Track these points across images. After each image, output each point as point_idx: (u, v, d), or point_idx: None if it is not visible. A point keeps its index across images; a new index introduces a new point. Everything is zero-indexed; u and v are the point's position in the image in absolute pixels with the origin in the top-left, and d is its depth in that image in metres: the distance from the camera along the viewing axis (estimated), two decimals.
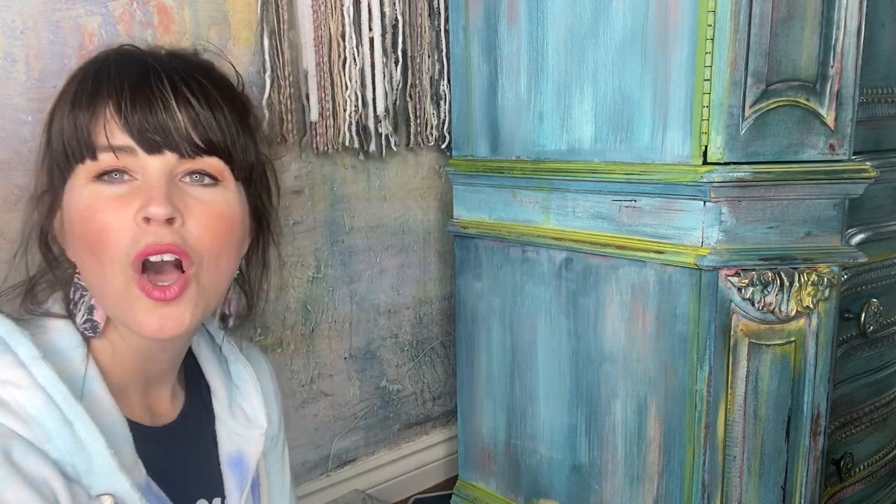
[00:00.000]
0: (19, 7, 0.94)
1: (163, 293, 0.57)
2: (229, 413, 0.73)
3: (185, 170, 0.58)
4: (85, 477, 0.55)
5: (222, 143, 0.60)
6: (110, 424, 0.58)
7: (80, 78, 0.59)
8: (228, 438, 0.72)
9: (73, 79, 0.59)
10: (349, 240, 1.38)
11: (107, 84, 0.57)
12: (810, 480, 1.03)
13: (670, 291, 1.01)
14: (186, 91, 0.58)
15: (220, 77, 0.63)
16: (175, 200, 0.56)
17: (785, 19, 0.91)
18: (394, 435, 1.52)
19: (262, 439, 0.74)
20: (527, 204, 1.20)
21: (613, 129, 1.05)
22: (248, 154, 0.63)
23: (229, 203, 0.61)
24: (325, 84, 1.24)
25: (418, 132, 1.42)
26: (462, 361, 1.38)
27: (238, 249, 0.64)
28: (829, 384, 1.01)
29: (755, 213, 0.95)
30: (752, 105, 0.93)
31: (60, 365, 0.57)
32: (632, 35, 1.01)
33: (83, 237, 0.56)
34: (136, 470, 0.59)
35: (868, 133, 1.10)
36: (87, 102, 0.56)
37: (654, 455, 1.07)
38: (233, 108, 0.61)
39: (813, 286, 0.96)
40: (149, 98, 0.56)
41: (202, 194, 0.59)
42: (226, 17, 1.15)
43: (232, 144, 0.60)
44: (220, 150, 0.60)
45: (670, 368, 1.03)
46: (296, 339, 1.32)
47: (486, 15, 1.22)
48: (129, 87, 0.56)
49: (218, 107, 0.59)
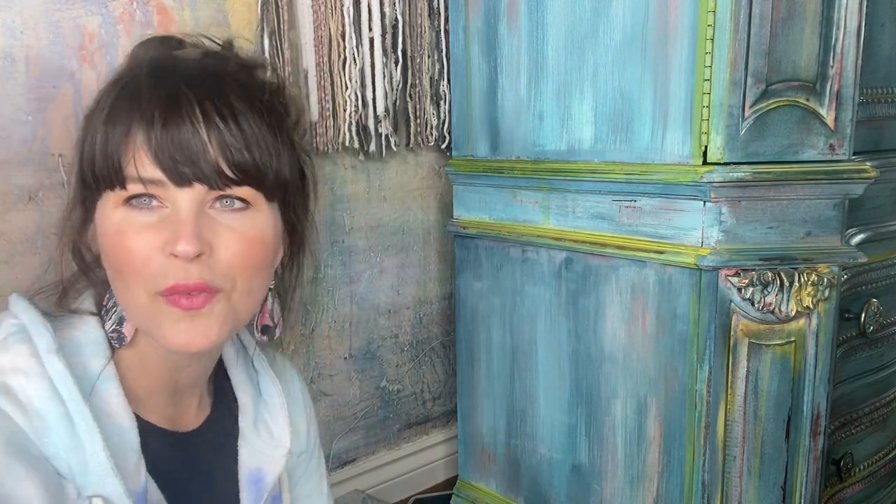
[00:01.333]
0: (19, 7, 0.94)
1: (190, 302, 0.56)
2: (254, 429, 0.72)
3: (214, 197, 0.57)
4: (79, 476, 0.55)
5: (254, 172, 0.58)
6: (117, 427, 0.58)
7: (113, 95, 0.57)
8: (250, 456, 0.71)
9: (107, 94, 0.58)
10: (349, 240, 1.38)
11: (137, 111, 0.55)
12: (810, 480, 1.03)
13: (670, 291, 1.01)
14: (218, 118, 0.56)
15: (255, 84, 0.61)
16: (204, 231, 0.56)
17: (785, 19, 0.91)
18: (394, 435, 1.52)
19: (283, 459, 0.73)
20: (527, 204, 1.20)
21: (613, 129, 1.05)
22: (283, 173, 0.61)
23: (260, 227, 0.60)
24: (325, 84, 1.24)
25: (418, 132, 1.42)
26: (462, 361, 1.38)
27: (270, 267, 0.64)
28: (829, 384, 1.01)
29: (755, 213, 0.95)
30: (752, 105, 0.93)
31: (76, 361, 0.57)
32: (632, 35, 1.01)
33: (111, 258, 0.57)
34: (136, 476, 0.59)
35: (868, 133, 1.10)
36: (116, 129, 0.55)
37: (653, 455, 1.07)
38: (269, 123, 0.59)
39: (813, 286, 0.96)
40: (179, 128, 0.55)
41: (232, 220, 0.58)
42: (226, 17, 1.15)
43: (265, 170, 0.59)
44: (253, 179, 0.58)
45: (670, 368, 1.03)
46: (296, 339, 1.32)
47: (486, 15, 1.22)
48: (159, 116, 0.55)
49: (252, 128, 0.57)
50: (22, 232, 0.98)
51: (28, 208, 0.98)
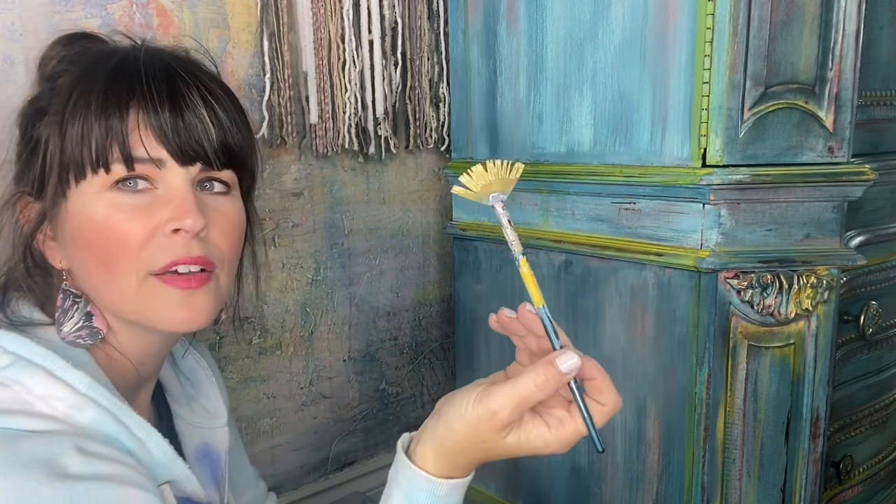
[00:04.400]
0: (19, 10, 0.94)
1: (189, 282, 0.56)
2: (187, 408, 0.73)
3: (200, 179, 0.58)
4: (149, 469, 0.55)
5: (239, 154, 0.60)
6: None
7: (101, 79, 0.55)
8: (190, 433, 0.71)
9: (88, 79, 0.56)
10: (348, 242, 1.38)
11: (136, 94, 0.55)
12: (810, 483, 1.03)
13: (669, 294, 1.01)
14: (214, 102, 0.57)
15: (216, 74, 0.63)
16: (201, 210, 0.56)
17: (784, 22, 0.92)
18: (393, 437, 1.52)
19: (225, 429, 0.74)
20: (526, 206, 1.20)
21: (612, 131, 1.06)
22: (254, 158, 0.64)
23: (238, 211, 0.62)
24: (324, 86, 1.24)
25: (418, 134, 1.42)
26: (461, 364, 1.38)
27: (240, 253, 0.65)
28: (828, 386, 1.01)
29: (754, 215, 0.96)
30: (750, 107, 0.93)
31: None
32: (631, 37, 1.01)
33: (96, 246, 0.55)
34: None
35: (867, 135, 1.10)
36: (112, 112, 0.54)
37: (653, 457, 1.07)
38: (240, 108, 0.61)
39: (812, 288, 0.96)
40: (183, 110, 0.55)
41: (216, 203, 0.59)
42: (225, 19, 1.15)
43: (246, 153, 0.61)
44: (237, 161, 0.60)
45: (669, 371, 1.03)
46: (295, 341, 1.32)
47: (486, 17, 1.22)
48: (164, 95, 0.55)
49: (233, 112, 0.59)
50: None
51: None
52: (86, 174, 0.55)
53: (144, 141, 0.55)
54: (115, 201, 0.55)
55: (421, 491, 0.58)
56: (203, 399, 0.75)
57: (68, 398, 0.52)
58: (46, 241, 0.59)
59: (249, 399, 1.26)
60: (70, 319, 0.58)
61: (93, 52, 0.60)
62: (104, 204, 0.55)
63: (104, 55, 0.58)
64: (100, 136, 0.54)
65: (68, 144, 0.55)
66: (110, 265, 0.55)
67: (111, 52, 0.59)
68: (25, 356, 0.53)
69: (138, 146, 0.55)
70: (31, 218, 0.59)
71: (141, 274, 0.55)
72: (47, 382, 0.52)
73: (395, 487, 0.59)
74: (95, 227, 0.55)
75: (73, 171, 0.55)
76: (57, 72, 0.59)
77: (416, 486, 0.58)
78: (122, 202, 0.55)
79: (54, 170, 0.56)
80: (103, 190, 0.55)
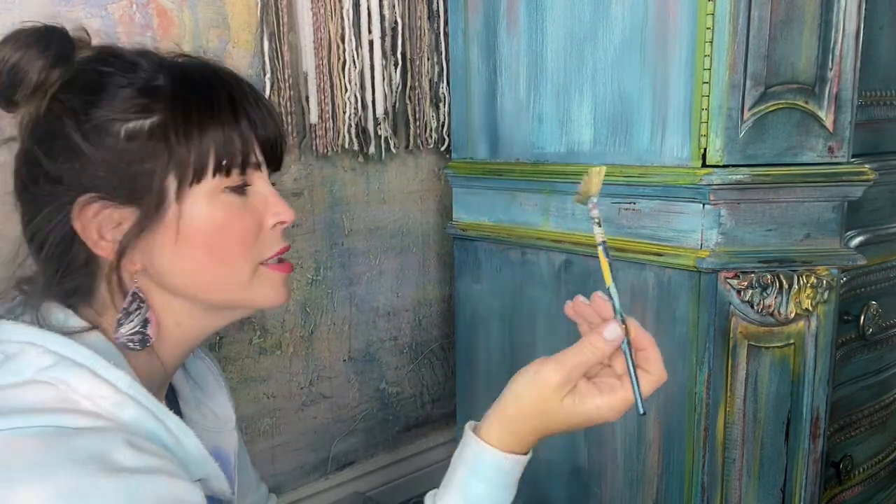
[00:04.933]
0: (19, 10, 0.94)
1: (287, 267, 0.66)
2: (198, 412, 0.74)
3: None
4: (184, 466, 0.57)
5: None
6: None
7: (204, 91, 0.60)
8: (202, 436, 0.71)
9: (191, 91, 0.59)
10: (348, 242, 1.38)
11: (241, 101, 0.61)
12: (810, 483, 1.03)
13: (669, 294, 1.01)
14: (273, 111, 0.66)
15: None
16: None
17: (784, 22, 0.92)
18: (393, 437, 1.52)
19: (234, 433, 0.75)
20: (526, 206, 1.20)
21: (613, 131, 1.06)
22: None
23: None
24: (324, 86, 1.24)
25: (417, 134, 1.42)
26: (461, 364, 1.38)
27: None
28: (828, 386, 1.01)
29: (754, 215, 0.96)
30: (750, 107, 0.93)
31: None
32: (631, 37, 1.01)
33: (214, 243, 0.60)
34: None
35: (867, 135, 1.10)
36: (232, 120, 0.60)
37: (653, 457, 1.07)
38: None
39: (812, 288, 0.96)
40: (265, 118, 0.63)
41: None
42: (225, 19, 1.15)
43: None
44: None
45: (669, 371, 1.02)
46: (295, 341, 1.32)
47: (486, 18, 1.22)
48: (258, 107, 0.62)
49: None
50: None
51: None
52: (202, 179, 0.59)
53: (254, 149, 0.62)
54: (230, 202, 0.61)
55: (485, 463, 0.63)
56: (212, 402, 0.75)
57: (111, 396, 0.54)
58: (112, 245, 0.59)
59: (249, 399, 1.26)
60: (130, 322, 0.60)
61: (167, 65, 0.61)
62: (220, 205, 0.60)
63: (191, 67, 0.62)
64: (223, 143, 0.59)
65: (188, 152, 0.58)
66: (227, 259, 0.61)
67: (200, 65, 0.63)
68: (69, 356, 0.54)
69: (251, 153, 0.61)
70: (112, 221, 0.59)
71: (253, 264, 0.63)
72: (91, 381, 0.53)
73: (459, 464, 0.64)
74: (214, 227, 0.60)
75: (192, 175, 0.59)
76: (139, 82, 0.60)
77: (481, 459, 0.63)
78: (235, 203, 0.61)
79: (169, 175, 0.58)
80: (217, 192, 0.60)
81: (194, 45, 1.11)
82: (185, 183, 0.58)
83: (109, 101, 0.58)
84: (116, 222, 0.58)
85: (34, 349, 0.54)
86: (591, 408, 0.62)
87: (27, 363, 0.53)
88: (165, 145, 0.57)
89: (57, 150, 0.58)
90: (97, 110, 0.57)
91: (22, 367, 0.53)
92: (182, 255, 0.60)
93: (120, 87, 0.58)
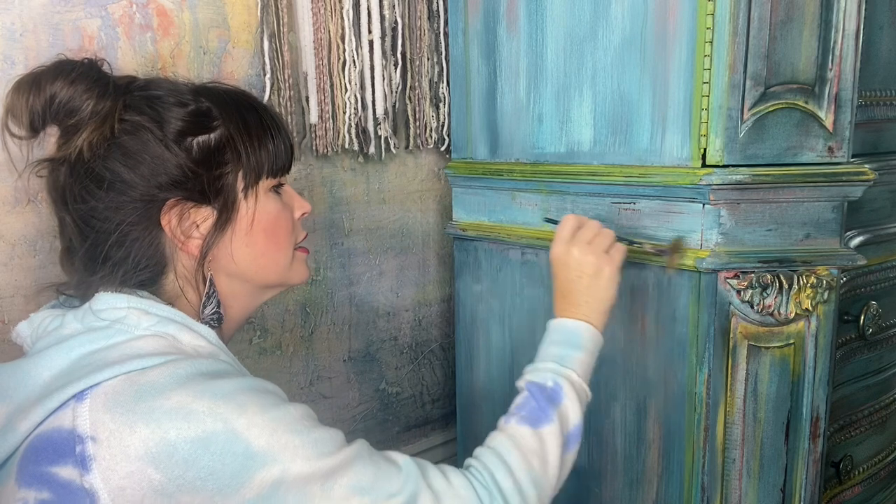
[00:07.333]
0: (18, 10, 0.94)
1: (308, 249, 0.82)
2: None
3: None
4: None
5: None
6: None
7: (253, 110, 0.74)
8: None
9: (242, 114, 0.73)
10: (348, 242, 1.38)
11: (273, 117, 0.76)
12: (810, 483, 1.03)
13: (669, 294, 1.01)
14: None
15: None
16: None
17: (783, 22, 0.92)
18: (393, 437, 1.52)
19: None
20: (526, 206, 1.20)
21: (612, 131, 1.06)
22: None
23: None
24: (324, 86, 1.24)
25: (417, 134, 1.42)
26: (461, 364, 1.38)
27: None
28: (828, 386, 1.01)
29: (754, 215, 0.96)
30: (750, 107, 0.93)
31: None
32: (631, 37, 1.01)
33: (273, 232, 0.75)
34: None
35: (867, 135, 1.10)
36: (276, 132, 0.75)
37: (653, 457, 1.07)
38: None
39: (812, 289, 0.96)
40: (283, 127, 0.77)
41: None
42: (225, 20, 1.15)
43: None
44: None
45: (669, 371, 1.03)
46: (295, 341, 1.32)
47: (486, 18, 1.22)
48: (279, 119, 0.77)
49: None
50: (21, 234, 0.98)
51: (27, 211, 0.98)
52: (259, 180, 0.73)
53: (290, 156, 0.78)
54: (275, 199, 0.76)
55: (554, 330, 0.86)
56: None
57: (207, 346, 0.68)
58: (198, 240, 0.71)
59: None
60: (211, 304, 0.74)
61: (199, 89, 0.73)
62: (273, 201, 0.75)
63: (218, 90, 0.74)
64: (277, 152, 0.75)
65: (252, 158, 0.72)
66: (281, 244, 0.76)
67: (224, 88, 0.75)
68: (168, 316, 0.67)
69: (290, 159, 0.78)
70: (199, 217, 0.71)
71: (292, 248, 0.78)
72: (190, 334, 0.67)
73: (539, 348, 0.85)
74: (272, 219, 0.75)
75: (255, 178, 0.73)
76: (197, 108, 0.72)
77: (552, 327, 0.86)
78: (278, 199, 0.76)
79: (238, 177, 0.72)
80: (268, 191, 0.75)
81: (194, 45, 1.11)
82: (249, 184, 0.72)
83: (174, 119, 0.69)
84: (203, 218, 0.71)
85: (137, 311, 0.66)
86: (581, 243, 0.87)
87: (134, 323, 0.65)
88: (234, 154, 0.71)
89: (135, 161, 0.67)
90: (168, 125, 0.68)
91: (130, 327, 0.65)
92: (249, 244, 0.74)
93: (175, 106, 0.69)
